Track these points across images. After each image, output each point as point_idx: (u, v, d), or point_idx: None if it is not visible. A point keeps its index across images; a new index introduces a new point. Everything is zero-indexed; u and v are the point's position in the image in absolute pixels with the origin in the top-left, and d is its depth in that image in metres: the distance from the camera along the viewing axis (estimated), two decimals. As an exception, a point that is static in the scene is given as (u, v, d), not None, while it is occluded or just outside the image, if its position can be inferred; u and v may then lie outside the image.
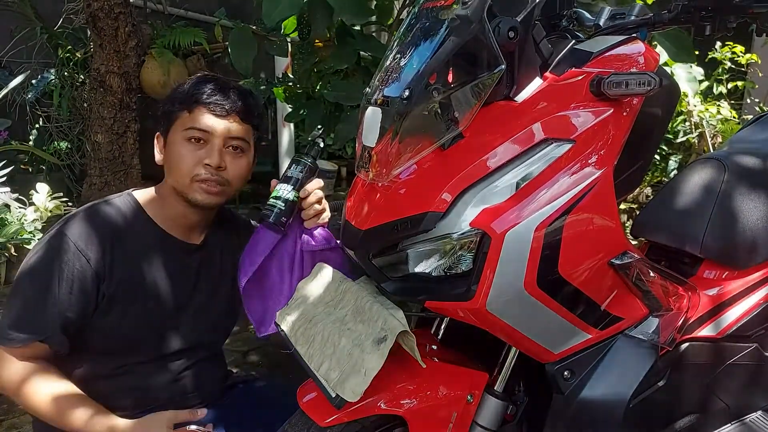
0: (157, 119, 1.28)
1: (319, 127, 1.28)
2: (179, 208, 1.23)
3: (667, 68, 1.96)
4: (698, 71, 2.12)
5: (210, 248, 1.29)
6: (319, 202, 1.19)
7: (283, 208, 1.14)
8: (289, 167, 1.19)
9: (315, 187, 1.19)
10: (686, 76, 1.98)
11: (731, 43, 3.14)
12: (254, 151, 1.28)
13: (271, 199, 1.15)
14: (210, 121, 1.18)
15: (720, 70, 3.22)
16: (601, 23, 1.13)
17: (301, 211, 1.19)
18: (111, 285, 1.16)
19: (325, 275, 1.12)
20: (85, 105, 3.42)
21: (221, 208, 1.31)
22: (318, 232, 1.19)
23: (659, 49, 1.65)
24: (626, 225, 3.06)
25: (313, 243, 1.18)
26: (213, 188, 1.19)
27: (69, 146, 3.93)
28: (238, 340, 2.50)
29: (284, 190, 1.15)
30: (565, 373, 1.02)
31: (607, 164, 0.94)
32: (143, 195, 1.27)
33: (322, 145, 1.23)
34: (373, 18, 1.90)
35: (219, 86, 1.21)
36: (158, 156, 1.26)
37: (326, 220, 1.21)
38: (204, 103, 1.19)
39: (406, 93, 0.90)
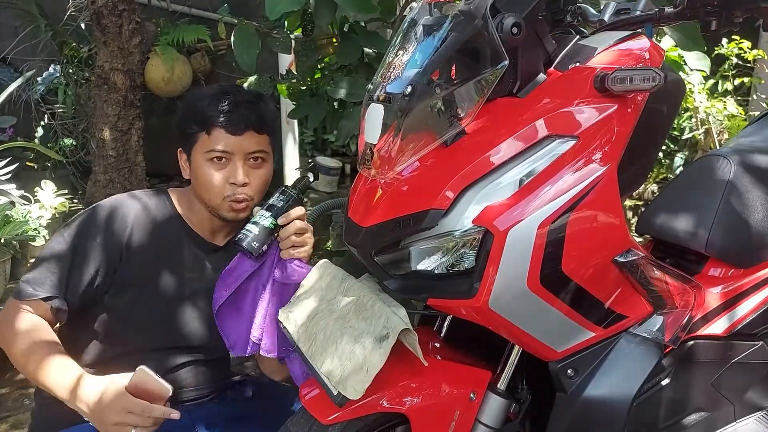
0: (178, 134, 1.29)
1: (310, 161, 1.30)
2: (205, 214, 1.28)
3: (674, 51, 1.95)
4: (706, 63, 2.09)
5: (231, 251, 1.30)
6: (299, 233, 1.18)
7: (257, 234, 1.13)
8: (273, 195, 1.19)
9: (295, 216, 1.18)
10: (696, 55, 1.94)
11: (738, 39, 3.11)
12: (273, 154, 1.31)
13: (248, 224, 1.15)
14: (228, 141, 1.21)
15: (726, 66, 3.19)
16: (605, 18, 1.13)
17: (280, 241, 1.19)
18: (128, 268, 1.21)
19: (327, 272, 1.12)
20: (90, 102, 3.43)
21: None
22: (295, 264, 1.16)
23: (668, 39, 1.64)
24: (631, 221, 3.05)
25: (278, 274, 1.16)
26: (240, 205, 1.23)
27: (74, 143, 3.94)
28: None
29: (262, 216, 1.15)
30: (569, 371, 1.02)
31: (612, 161, 0.94)
32: (177, 193, 1.32)
33: (312, 179, 1.23)
34: (377, 14, 1.89)
35: (231, 104, 1.22)
36: (185, 172, 1.29)
37: (304, 254, 1.19)
38: (220, 124, 1.21)
39: (409, 89, 0.90)
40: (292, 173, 3.54)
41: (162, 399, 1.03)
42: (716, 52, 3.14)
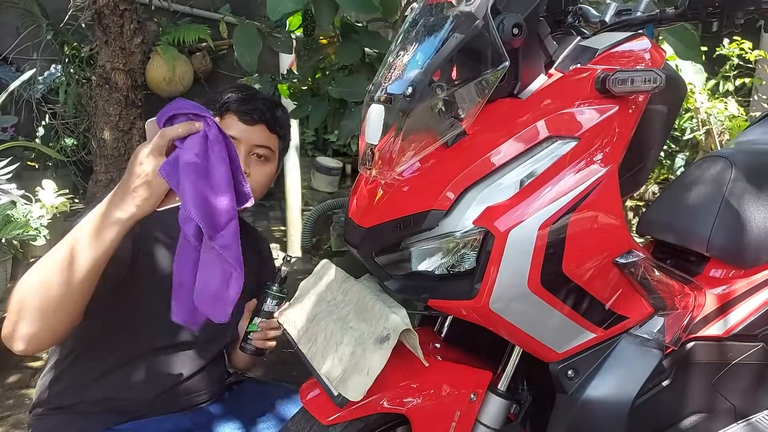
0: None
1: (288, 258, 1.35)
2: None
3: (671, 63, 1.94)
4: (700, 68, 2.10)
5: None
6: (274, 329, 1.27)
7: (258, 336, 1.26)
8: (263, 301, 1.26)
9: (276, 325, 1.26)
10: (692, 68, 1.96)
11: (739, 39, 3.11)
12: (279, 161, 1.33)
13: (248, 332, 1.26)
14: (238, 128, 1.24)
15: (727, 66, 3.19)
16: (606, 19, 1.13)
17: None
18: (141, 258, 1.18)
19: (327, 274, 1.11)
20: (91, 102, 3.44)
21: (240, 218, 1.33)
22: None
23: (665, 45, 1.64)
24: (632, 222, 3.04)
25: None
26: None
27: (75, 143, 3.95)
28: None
29: (258, 322, 1.26)
30: (569, 372, 1.02)
31: (613, 162, 0.94)
32: None
33: (287, 272, 1.29)
34: (378, 14, 1.89)
35: (249, 96, 1.27)
36: None
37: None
38: (234, 110, 1.25)
39: (410, 90, 0.89)
40: (292, 173, 3.53)
41: None
42: (717, 52, 3.14)
